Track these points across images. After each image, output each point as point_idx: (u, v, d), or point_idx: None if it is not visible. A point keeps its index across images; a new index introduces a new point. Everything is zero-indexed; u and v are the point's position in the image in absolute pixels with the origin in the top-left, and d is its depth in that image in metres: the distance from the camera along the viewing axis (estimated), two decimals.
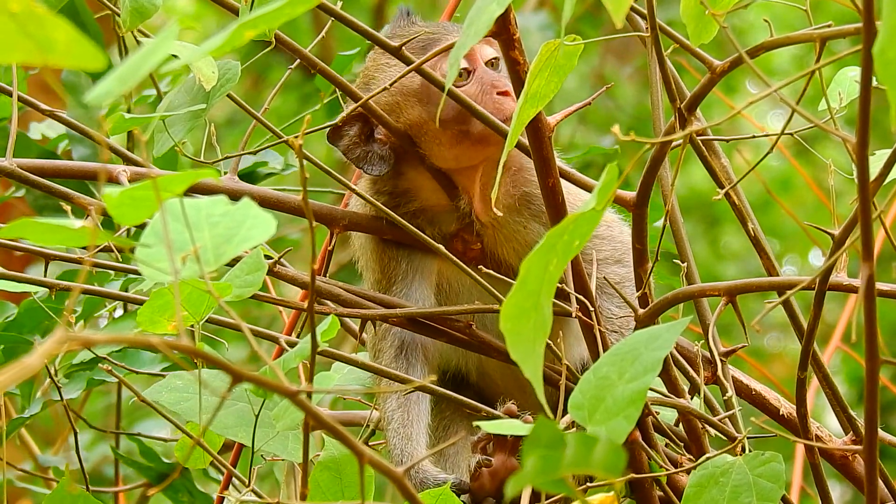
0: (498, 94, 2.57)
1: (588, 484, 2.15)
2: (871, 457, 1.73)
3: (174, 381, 2.45)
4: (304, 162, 1.78)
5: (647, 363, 1.86)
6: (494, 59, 2.62)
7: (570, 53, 2.11)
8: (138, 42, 2.98)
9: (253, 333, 2.47)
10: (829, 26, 2.07)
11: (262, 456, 2.65)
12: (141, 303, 2.28)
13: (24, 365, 1.36)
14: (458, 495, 2.43)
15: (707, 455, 2.25)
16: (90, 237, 1.65)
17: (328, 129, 2.63)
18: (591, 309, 2.43)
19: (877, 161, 2.21)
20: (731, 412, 2.45)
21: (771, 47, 2.09)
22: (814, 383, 2.86)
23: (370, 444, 2.78)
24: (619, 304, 2.62)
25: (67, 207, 2.67)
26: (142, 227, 1.86)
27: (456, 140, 2.60)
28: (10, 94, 2.78)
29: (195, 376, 2.39)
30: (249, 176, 3.30)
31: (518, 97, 2.20)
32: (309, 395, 1.84)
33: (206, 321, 2.34)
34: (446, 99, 2.49)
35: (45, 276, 2.70)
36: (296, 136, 1.77)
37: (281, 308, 3.28)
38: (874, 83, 1.59)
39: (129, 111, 3.27)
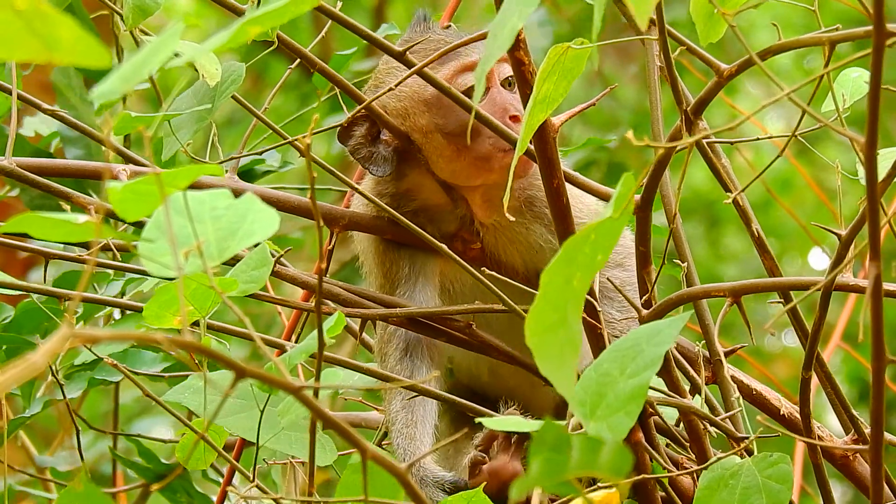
0: (510, 117, 2.55)
1: (595, 485, 2.14)
2: (876, 456, 1.72)
3: (196, 382, 2.45)
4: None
5: (648, 359, 1.86)
6: (511, 77, 2.59)
7: (578, 57, 2.10)
8: (137, 42, 2.97)
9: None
10: (837, 29, 2.07)
11: (263, 459, 2.65)
12: (138, 310, 2.28)
13: (30, 363, 1.36)
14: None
15: (717, 456, 2.25)
16: (94, 231, 1.65)
17: (338, 128, 2.63)
18: (599, 309, 2.43)
19: (883, 160, 2.21)
20: (732, 412, 2.45)
21: (779, 51, 2.08)
22: (813, 382, 2.86)
23: (382, 445, 2.77)
24: (619, 307, 2.61)
25: (66, 207, 2.66)
26: (139, 226, 1.86)
27: (458, 155, 2.59)
28: (10, 93, 2.77)
29: (212, 377, 2.39)
30: (247, 174, 3.30)
31: (523, 99, 2.20)
32: (315, 392, 1.84)
33: (210, 326, 2.34)
34: (458, 113, 2.51)
35: (44, 274, 2.70)
36: (304, 136, 1.77)
37: (280, 310, 3.28)
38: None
39: (123, 103, 3.27)
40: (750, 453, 2.26)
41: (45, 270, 2.73)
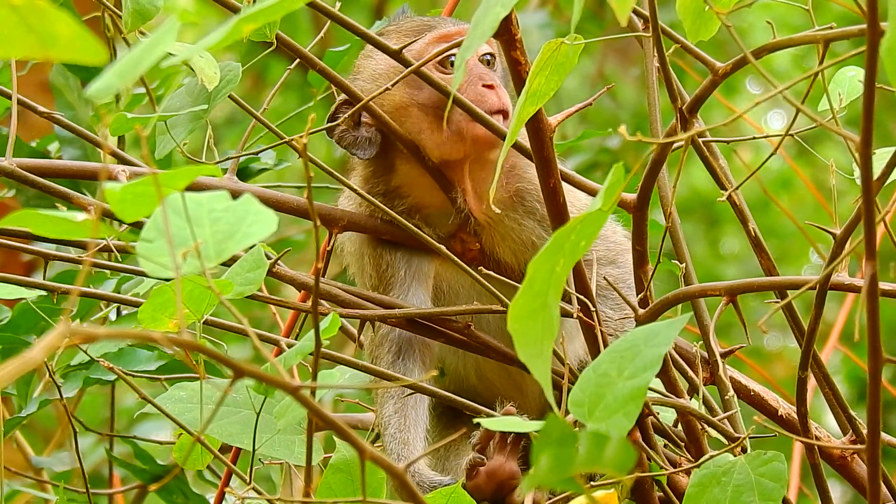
0: (483, 86, 2.57)
1: (593, 483, 2.14)
2: (873, 455, 1.72)
3: (178, 393, 2.44)
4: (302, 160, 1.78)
5: (647, 360, 1.86)
6: (489, 55, 2.63)
7: (571, 52, 2.11)
8: (128, 45, 2.97)
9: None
10: (831, 28, 2.07)
11: (259, 460, 2.64)
12: (137, 305, 2.27)
13: (26, 359, 1.36)
14: None
15: (710, 454, 2.24)
16: (91, 230, 1.65)
17: (327, 126, 2.64)
18: (593, 309, 2.43)
19: (878, 160, 2.21)
20: (730, 412, 2.45)
21: (774, 49, 2.08)
22: (812, 383, 2.86)
23: (375, 446, 2.77)
24: (613, 305, 2.61)
25: (63, 209, 2.66)
26: (137, 227, 1.86)
27: (436, 127, 2.60)
28: (9, 97, 2.77)
29: (199, 386, 2.39)
30: (242, 173, 3.30)
31: (518, 96, 2.20)
32: (312, 392, 1.83)
33: (209, 324, 2.34)
34: (427, 84, 2.52)
35: (44, 273, 2.70)
36: (299, 136, 1.77)
37: (275, 310, 3.28)
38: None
39: (116, 102, 3.27)
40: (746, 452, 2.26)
41: (45, 270, 2.73)
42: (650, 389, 2.33)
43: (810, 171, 6.78)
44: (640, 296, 2.41)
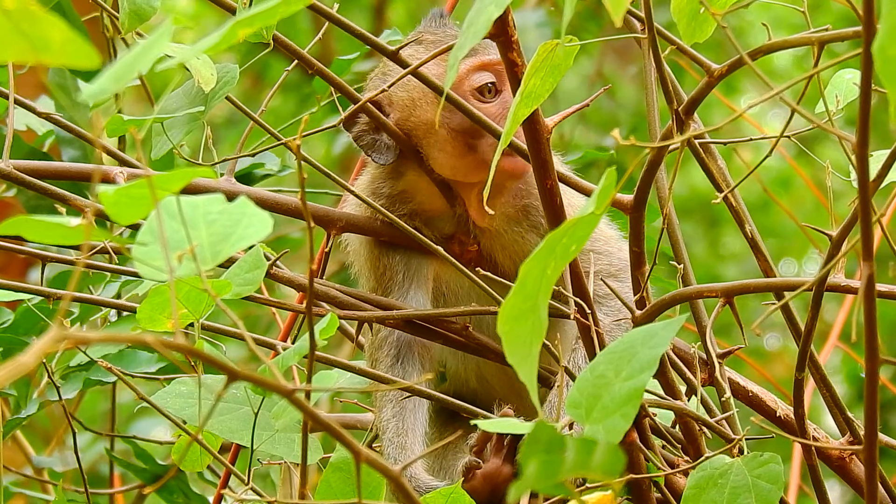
0: None
1: (587, 485, 2.14)
2: (870, 456, 1.72)
3: (179, 387, 2.44)
4: (303, 163, 1.78)
5: (644, 361, 1.86)
6: None
7: (566, 53, 2.10)
8: (127, 45, 2.97)
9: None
10: (827, 29, 2.07)
11: (258, 460, 2.64)
12: (133, 310, 2.27)
13: (19, 363, 1.36)
14: None
15: (707, 455, 2.24)
16: (86, 234, 1.65)
17: (335, 127, 2.63)
18: (589, 311, 2.42)
19: (875, 162, 2.21)
20: (728, 413, 2.45)
21: (770, 50, 2.08)
22: (811, 383, 2.86)
23: (373, 447, 2.77)
24: (607, 311, 2.60)
25: (62, 210, 2.66)
26: (136, 228, 1.85)
27: (461, 152, 2.58)
28: (6, 97, 2.77)
29: (205, 380, 2.38)
30: (246, 178, 3.30)
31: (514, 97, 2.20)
32: (307, 394, 1.83)
33: (205, 328, 2.33)
34: (461, 111, 2.49)
35: (42, 276, 2.70)
36: (294, 138, 1.77)
37: (274, 311, 3.28)
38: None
39: (116, 99, 3.26)
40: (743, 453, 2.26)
41: (43, 273, 2.73)
42: (648, 391, 2.33)
43: (810, 170, 6.78)
44: (637, 296, 2.41)
